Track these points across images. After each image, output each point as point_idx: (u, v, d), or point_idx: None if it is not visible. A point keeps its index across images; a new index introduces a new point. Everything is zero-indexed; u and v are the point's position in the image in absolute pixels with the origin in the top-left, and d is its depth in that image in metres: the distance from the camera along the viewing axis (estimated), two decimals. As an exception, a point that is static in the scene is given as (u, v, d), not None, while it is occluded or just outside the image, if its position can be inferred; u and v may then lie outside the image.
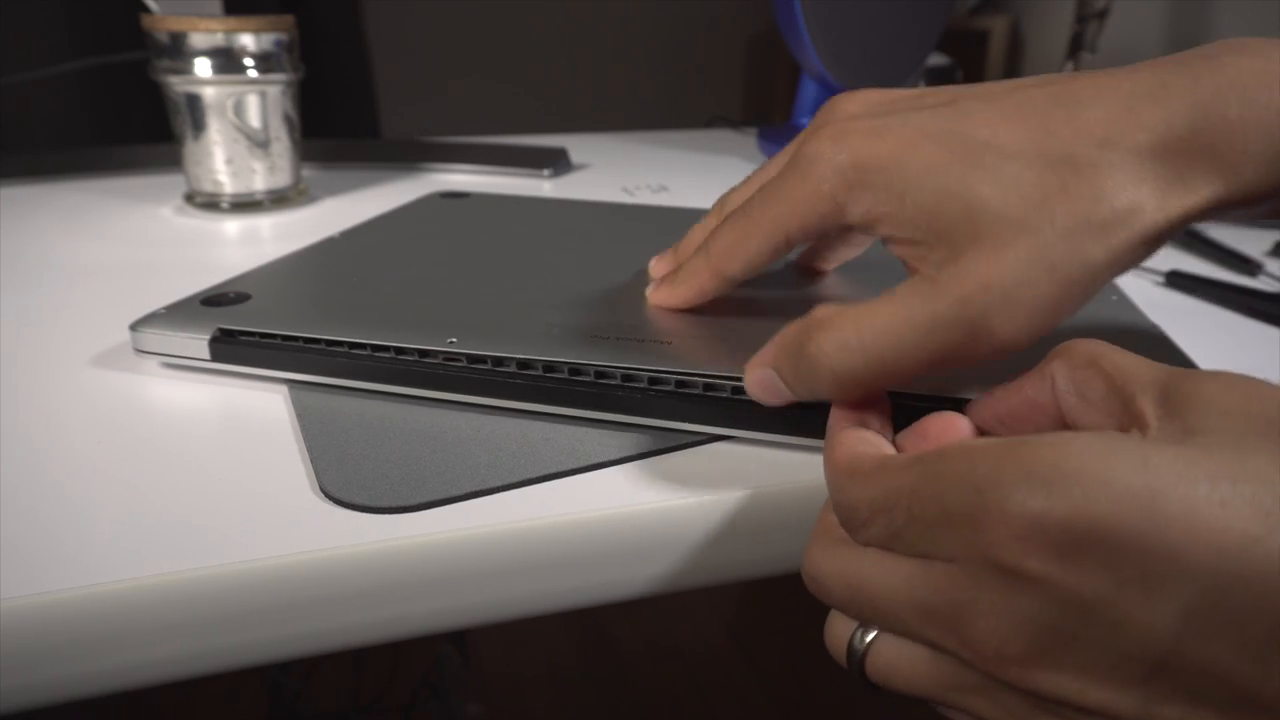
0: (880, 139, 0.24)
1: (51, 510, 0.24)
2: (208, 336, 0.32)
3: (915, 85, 0.89)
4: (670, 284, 0.32)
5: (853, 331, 0.23)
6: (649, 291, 0.33)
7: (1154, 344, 0.32)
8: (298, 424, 0.29)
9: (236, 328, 0.32)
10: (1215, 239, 0.52)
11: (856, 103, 0.27)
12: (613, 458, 0.27)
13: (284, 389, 0.31)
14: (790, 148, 0.28)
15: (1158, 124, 0.22)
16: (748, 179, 0.32)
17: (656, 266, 0.34)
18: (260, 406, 0.30)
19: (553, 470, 0.26)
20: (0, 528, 0.23)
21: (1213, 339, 0.39)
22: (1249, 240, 0.53)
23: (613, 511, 0.25)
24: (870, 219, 0.25)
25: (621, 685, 1.17)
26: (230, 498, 0.25)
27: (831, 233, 0.30)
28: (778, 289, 0.36)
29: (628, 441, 0.28)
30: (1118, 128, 0.22)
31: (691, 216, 0.49)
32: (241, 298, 0.34)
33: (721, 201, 0.33)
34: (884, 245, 0.25)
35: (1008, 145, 0.23)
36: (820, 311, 0.24)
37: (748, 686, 1.18)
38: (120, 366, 0.33)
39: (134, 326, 0.33)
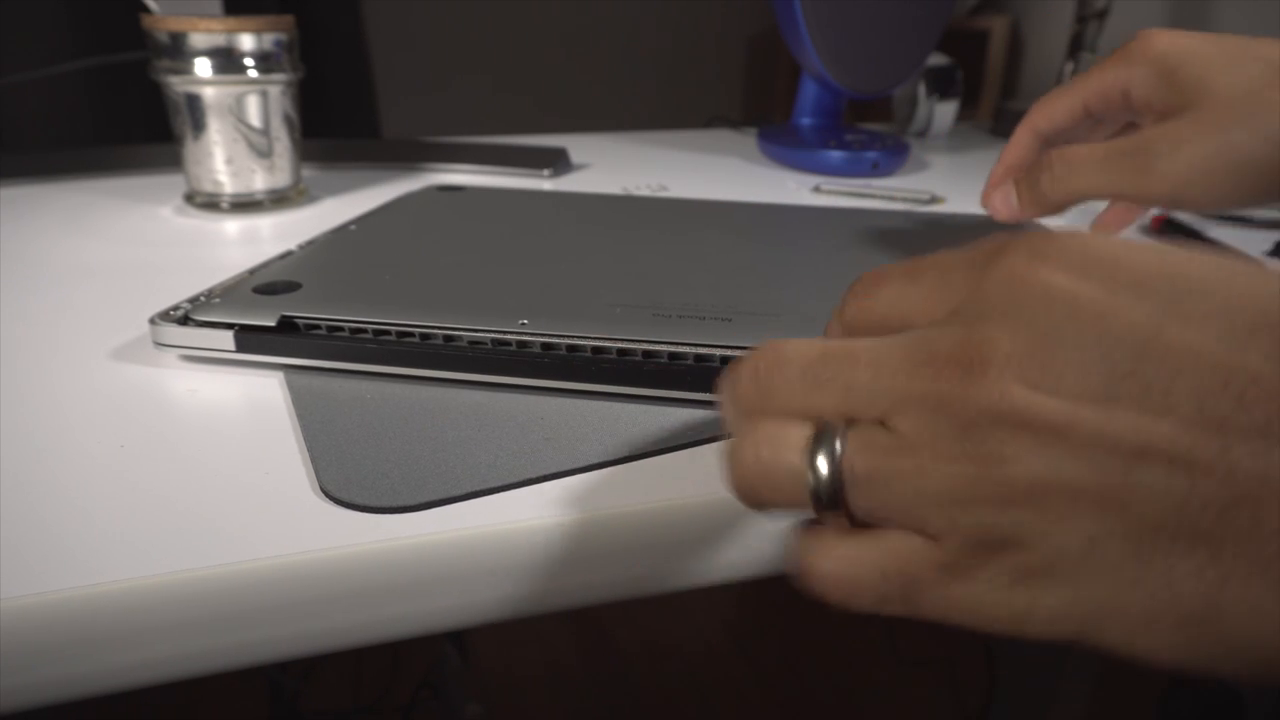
0: None
1: (53, 510, 0.24)
2: (273, 323, 0.32)
3: (915, 85, 0.89)
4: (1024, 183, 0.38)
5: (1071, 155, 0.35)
6: (996, 202, 0.39)
7: None
8: (298, 424, 0.29)
9: (298, 315, 0.32)
10: (1215, 238, 0.52)
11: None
12: (611, 458, 0.27)
13: (284, 389, 0.31)
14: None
15: None
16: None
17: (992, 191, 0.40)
18: (261, 407, 0.30)
19: (553, 470, 0.26)
20: (0, 527, 0.23)
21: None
22: (1250, 241, 0.53)
23: (612, 512, 0.25)
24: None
25: (621, 685, 1.17)
26: (230, 497, 0.25)
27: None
28: (832, 273, 0.37)
29: (626, 442, 0.28)
30: None
31: (688, 207, 0.50)
32: (292, 286, 0.34)
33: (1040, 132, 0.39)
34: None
35: None
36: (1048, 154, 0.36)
37: (747, 686, 1.18)
38: (124, 366, 0.33)
39: (165, 319, 0.33)
